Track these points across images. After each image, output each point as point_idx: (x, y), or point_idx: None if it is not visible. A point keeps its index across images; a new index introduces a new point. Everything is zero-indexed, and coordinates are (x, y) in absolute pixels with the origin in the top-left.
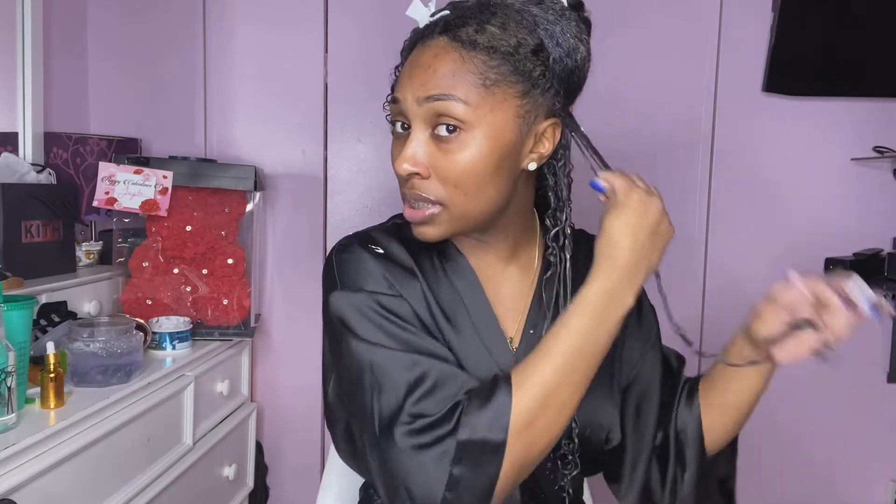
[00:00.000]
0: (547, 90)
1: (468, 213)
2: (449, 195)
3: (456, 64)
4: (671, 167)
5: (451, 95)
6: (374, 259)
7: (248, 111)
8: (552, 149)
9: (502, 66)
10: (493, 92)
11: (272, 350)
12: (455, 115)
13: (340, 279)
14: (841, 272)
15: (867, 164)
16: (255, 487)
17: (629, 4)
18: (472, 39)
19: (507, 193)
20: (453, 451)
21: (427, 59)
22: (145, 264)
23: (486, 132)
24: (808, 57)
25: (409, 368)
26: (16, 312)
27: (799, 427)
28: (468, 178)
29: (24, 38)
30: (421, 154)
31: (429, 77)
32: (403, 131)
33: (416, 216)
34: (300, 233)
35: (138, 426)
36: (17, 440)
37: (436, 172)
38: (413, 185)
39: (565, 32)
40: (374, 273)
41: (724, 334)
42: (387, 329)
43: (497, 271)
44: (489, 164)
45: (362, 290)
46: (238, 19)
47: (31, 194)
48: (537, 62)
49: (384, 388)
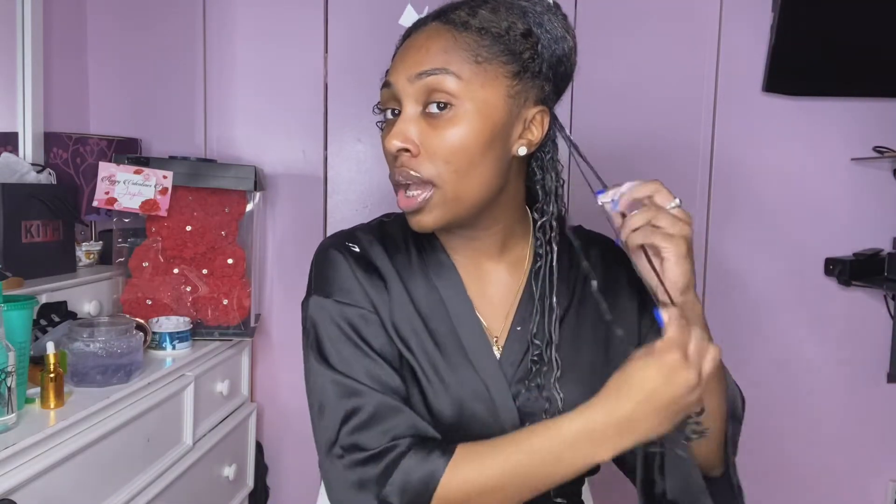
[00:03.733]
0: (536, 74)
1: (461, 194)
2: (440, 173)
3: (448, 42)
4: (671, 167)
5: (444, 69)
6: (349, 261)
7: (248, 111)
8: (541, 137)
9: (494, 47)
10: (485, 69)
11: (272, 350)
12: (447, 89)
13: (315, 282)
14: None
15: (867, 164)
16: (255, 487)
17: (629, 5)
18: (464, 21)
19: (499, 178)
20: (381, 490)
21: (420, 40)
22: (145, 264)
23: (477, 108)
24: (808, 57)
25: (348, 396)
26: (16, 312)
27: (799, 427)
28: (459, 154)
29: (24, 38)
30: (412, 131)
31: (422, 56)
32: (394, 117)
33: (409, 204)
34: (300, 233)
35: (138, 426)
36: (17, 440)
37: (426, 150)
38: (403, 163)
39: (553, 22)
40: (346, 279)
41: (724, 334)
42: (343, 350)
43: (486, 269)
44: (480, 142)
45: (331, 297)
46: (238, 19)
47: (31, 194)
48: (527, 45)
49: (325, 412)
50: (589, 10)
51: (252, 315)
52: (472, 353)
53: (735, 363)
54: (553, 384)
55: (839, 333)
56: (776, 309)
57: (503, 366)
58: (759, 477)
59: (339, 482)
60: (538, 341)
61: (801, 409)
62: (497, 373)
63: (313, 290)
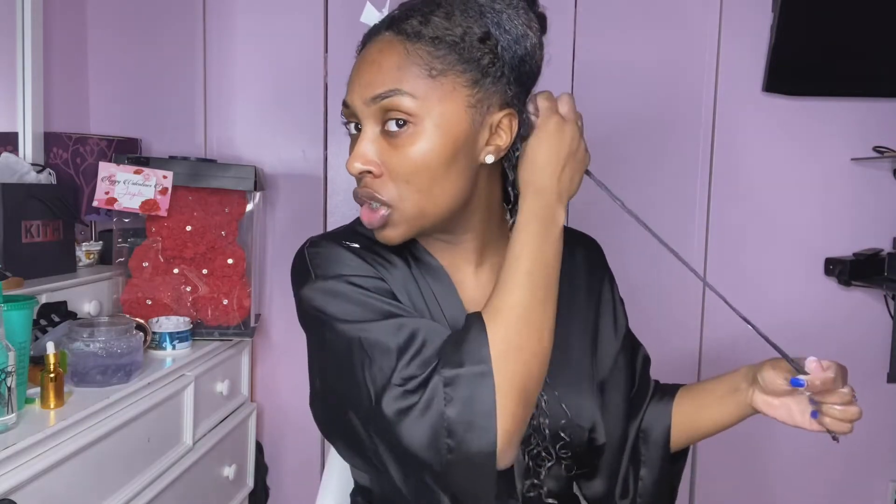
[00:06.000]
0: (498, 79)
1: (424, 211)
2: (401, 194)
3: (401, 57)
4: (671, 167)
5: (397, 90)
6: (350, 251)
7: (248, 111)
8: (510, 141)
9: (448, 56)
10: (441, 82)
11: (272, 350)
12: (403, 108)
13: (315, 271)
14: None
15: (867, 164)
16: (255, 487)
17: (629, 5)
18: (416, 31)
19: (466, 189)
20: (441, 390)
21: (373, 54)
22: (145, 264)
23: (436, 124)
24: (808, 57)
25: (395, 333)
26: (16, 312)
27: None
28: (421, 173)
29: (24, 38)
30: (372, 152)
31: (374, 74)
32: (357, 132)
33: (372, 219)
34: (300, 233)
35: (138, 426)
36: (17, 440)
37: (388, 169)
38: (366, 184)
39: (513, 20)
40: (350, 261)
41: (723, 336)
42: (367, 304)
43: (466, 274)
44: (442, 158)
45: (339, 275)
46: (238, 19)
47: (31, 194)
48: (485, 50)
49: (374, 358)
50: (589, 10)
51: (252, 315)
52: None
53: (735, 363)
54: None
55: (839, 333)
56: (776, 309)
57: None
58: (759, 477)
59: (398, 414)
60: None
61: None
62: None
63: (314, 278)
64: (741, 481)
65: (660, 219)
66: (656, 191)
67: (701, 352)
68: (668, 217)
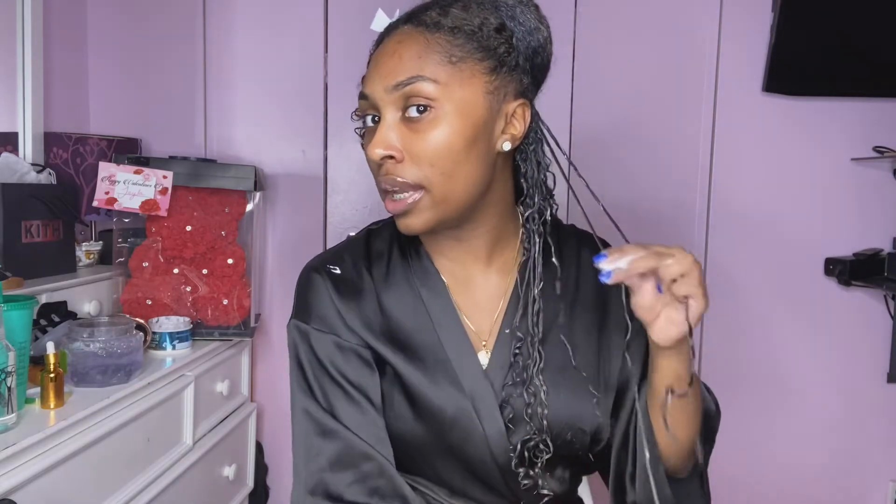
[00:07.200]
0: (513, 68)
1: (449, 195)
2: (426, 175)
3: (421, 46)
4: (671, 167)
5: (419, 77)
6: (328, 286)
7: (248, 111)
8: (524, 130)
9: (467, 45)
10: (461, 68)
11: (272, 350)
12: (425, 94)
13: (296, 305)
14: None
15: (867, 164)
16: (255, 487)
17: (629, 5)
18: (435, 22)
19: (486, 175)
20: None
21: (392, 46)
22: (145, 264)
23: (456, 108)
24: (808, 57)
25: (322, 435)
26: (16, 312)
27: (798, 426)
28: (443, 156)
29: (24, 37)
30: (393, 138)
31: (395, 64)
32: (374, 124)
33: (397, 207)
34: (300, 233)
35: (138, 426)
36: (17, 440)
37: (409, 154)
38: (388, 171)
39: (525, 14)
40: (324, 306)
41: (723, 334)
42: (321, 380)
43: (474, 272)
44: (462, 141)
45: (309, 323)
46: (238, 19)
47: (31, 194)
48: (501, 40)
49: (296, 441)
50: (589, 11)
51: (252, 315)
52: (456, 365)
53: (734, 363)
54: (536, 375)
55: (839, 333)
56: (776, 309)
57: (491, 372)
58: (759, 476)
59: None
60: (520, 333)
61: (800, 408)
62: (482, 383)
63: (294, 313)
64: (741, 481)
65: (659, 218)
66: (656, 190)
67: (701, 351)
68: (667, 216)
